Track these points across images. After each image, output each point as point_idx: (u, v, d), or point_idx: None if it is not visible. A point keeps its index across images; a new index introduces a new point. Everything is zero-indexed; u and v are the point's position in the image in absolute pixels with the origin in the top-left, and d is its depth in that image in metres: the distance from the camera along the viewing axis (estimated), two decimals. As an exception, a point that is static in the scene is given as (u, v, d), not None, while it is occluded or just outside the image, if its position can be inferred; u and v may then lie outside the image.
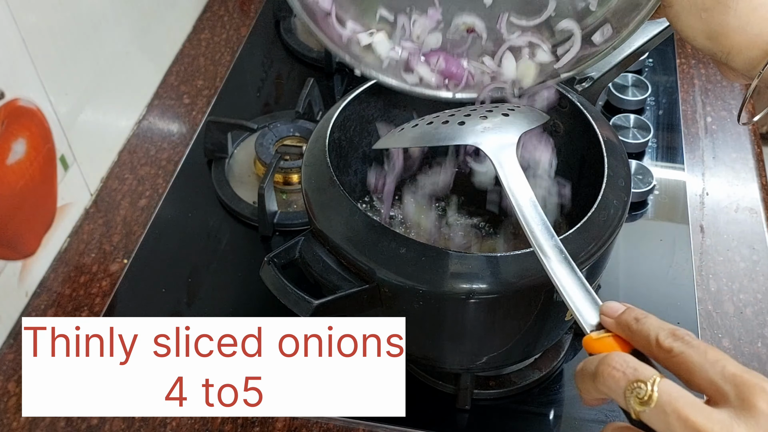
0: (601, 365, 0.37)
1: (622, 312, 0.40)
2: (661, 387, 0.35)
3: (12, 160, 0.70)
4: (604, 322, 0.41)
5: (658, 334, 0.38)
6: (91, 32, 0.81)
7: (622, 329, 0.40)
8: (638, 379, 0.36)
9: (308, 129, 0.85)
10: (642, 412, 0.35)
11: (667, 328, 0.38)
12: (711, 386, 0.35)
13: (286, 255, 0.56)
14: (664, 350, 0.37)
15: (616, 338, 0.40)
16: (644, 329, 0.38)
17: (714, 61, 0.49)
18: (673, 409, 0.34)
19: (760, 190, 0.84)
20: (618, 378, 0.36)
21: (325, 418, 0.65)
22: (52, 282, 0.76)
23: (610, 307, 0.41)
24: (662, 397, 0.35)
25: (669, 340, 0.37)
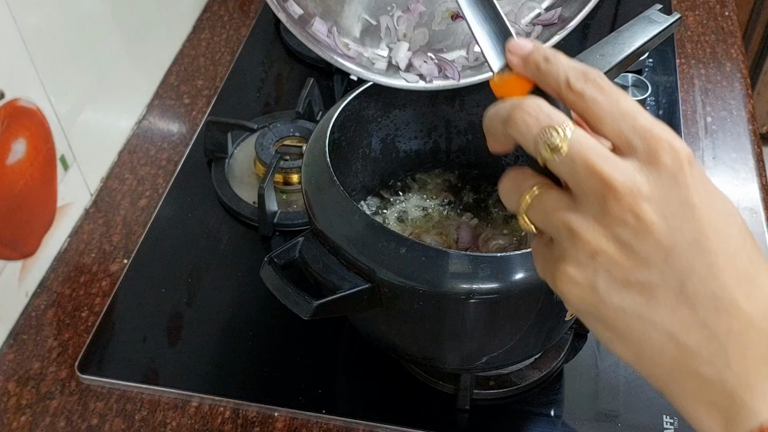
0: (514, 110, 0.35)
1: (530, 50, 0.38)
2: (573, 136, 0.34)
3: (12, 160, 0.70)
4: (510, 61, 0.38)
5: (569, 74, 0.36)
6: (91, 32, 0.81)
7: (530, 69, 0.37)
8: (551, 125, 0.34)
9: (308, 129, 0.85)
10: (551, 159, 0.34)
11: (578, 68, 0.36)
12: (619, 137, 0.34)
13: (286, 255, 0.56)
14: (575, 93, 0.35)
15: (519, 79, 0.38)
16: (553, 69, 0.36)
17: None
18: (580, 157, 0.34)
19: (760, 190, 0.84)
20: (530, 123, 0.35)
21: (325, 418, 0.65)
22: (52, 282, 0.76)
23: (518, 44, 0.38)
24: (573, 145, 0.34)
25: (580, 83, 0.35)
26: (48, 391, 0.68)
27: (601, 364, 0.68)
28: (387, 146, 0.72)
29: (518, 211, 0.37)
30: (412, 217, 0.71)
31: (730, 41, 1.03)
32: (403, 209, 0.72)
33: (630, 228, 0.33)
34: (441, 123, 0.72)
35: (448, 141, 0.74)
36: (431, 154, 0.74)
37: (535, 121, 0.35)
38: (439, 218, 0.71)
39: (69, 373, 0.69)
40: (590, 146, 0.34)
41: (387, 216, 0.71)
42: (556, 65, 0.36)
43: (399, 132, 0.71)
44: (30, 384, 0.68)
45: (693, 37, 1.04)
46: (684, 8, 1.08)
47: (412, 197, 0.73)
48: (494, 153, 0.39)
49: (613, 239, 0.34)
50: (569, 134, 0.34)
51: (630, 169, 0.33)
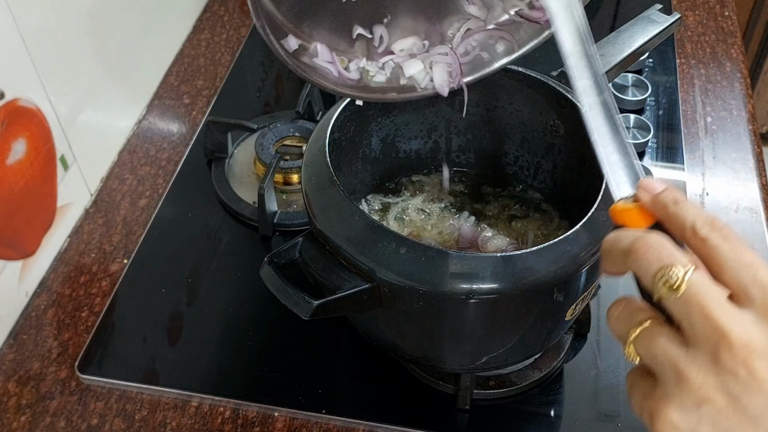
0: (638, 242, 0.36)
1: (661, 190, 0.39)
2: (693, 277, 0.34)
3: (12, 160, 0.70)
4: (641, 196, 0.39)
5: (696, 220, 0.36)
6: (91, 32, 0.81)
7: (659, 208, 0.38)
8: (672, 264, 0.35)
9: (308, 129, 0.85)
10: (667, 297, 0.35)
11: (705, 216, 0.36)
12: (739, 286, 0.34)
13: (286, 255, 0.56)
14: (700, 239, 0.36)
15: (642, 211, 0.39)
16: (682, 212, 0.37)
17: None
18: (698, 301, 0.34)
19: (760, 190, 0.84)
20: (652, 259, 0.35)
21: (325, 418, 0.65)
22: (52, 282, 0.76)
23: (650, 182, 0.39)
24: (691, 287, 0.34)
25: (706, 229, 0.36)
26: (48, 391, 0.67)
27: (601, 364, 0.68)
28: (387, 146, 0.72)
29: (626, 340, 0.37)
30: (411, 217, 0.71)
31: (730, 41, 1.03)
32: (403, 209, 0.72)
33: (741, 382, 0.33)
34: (441, 123, 0.72)
35: (448, 141, 0.74)
36: (431, 154, 0.74)
37: (656, 256, 0.35)
38: (439, 218, 0.71)
39: (69, 373, 0.69)
40: (709, 291, 0.34)
41: (387, 216, 0.71)
42: (684, 209, 0.37)
43: (399, 132, 0.71)
44: (30, 384, 0.68)
45: (693, 37, 1.04)
46: (684, 8, 1.08)
47: (411, 197, 0.73)
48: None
49: (722, 390, 0.33)
50: (689, 275, 0.34)
51: (747, 321, 0.33)
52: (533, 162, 0.71)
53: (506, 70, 0.65)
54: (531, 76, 0.65)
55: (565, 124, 0.66)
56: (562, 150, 0.68)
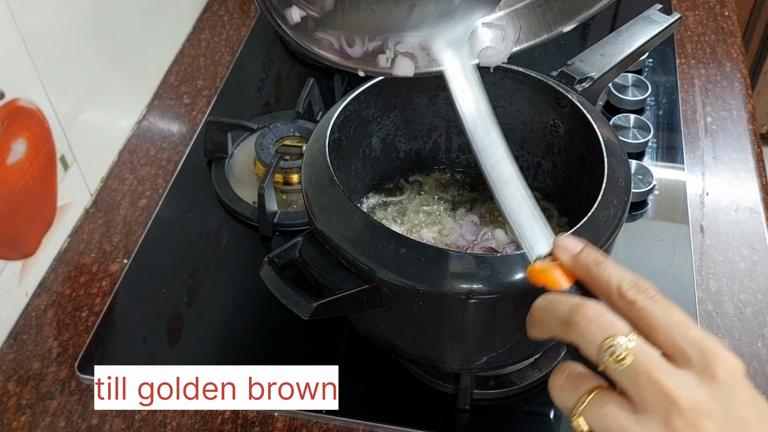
0: (576, 315, 0.36)
1: (579, 251, 0.39)
2: (637, 347, 0.35)
3: (12, 160, 0.70)
4: (559, 255, 0.40)
5: (620, 283, 0.37)
6: (91, 32, 0.81)
7: (580, 269, 0.39)
8: (613, 335, 0.35)
9: (308, 129, 0.85)
10: (614, 368, 0.35)
11: (628, 278, 0.37)
12: (673, 347, 0.35)
13: (286, 255, 0.56)
14: (627, 301, 0.36)
15: (562, 269, 0.39)
16: (606, 274, 0.38)
17: None
18: (644, 370, 0.34)
19: (760, 190, 0.84)
20: (594, 331, 0.36)
21: (325, 418, 0.65)
22: (52, 282, 0.76)
23: (566, 243, 0.40)
24: (637, 357, 0.35)
25: (632, 292, 0.37)
26: (48, 391, 0.67)
27: (601, 364, 0.68)
28: (387, 146, 0.72)
29: (572, 412, 0.38)
30: (412, 216, 0.71)
31: (730, 41, 1.03)
32: (403, 209, 0.72)
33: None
34: (441, 123, 0.72)
35: (448, 141, 0.74)
36: (431, 154, 0.74)
37: (598, 328, 0.36)
38: (438, 218, 0.71)
39: (69, 373, 0.69)
40: (653, 358, 0.35)
41: (387, 216, 0.71)
42: (607, 271, 0.38)
43: (399, 132, 0.71)
44: (30, 384, 0.68)
45: (693, 37, 1.04)
46: (684, 8, 1.08)
47: (411, 197, 0.73)
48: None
49: None
50: (632, 345, 0.35)
51: (691, 383, 0.34)
52: (533, 162, 0.71)
53: (506, 70, 0.65)
54: (531, 76, 0.65)
55: (565, 124, 0.66)
56: (562, 150, 0.68)
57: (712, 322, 0.72)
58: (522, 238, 0.41)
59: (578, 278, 0.39)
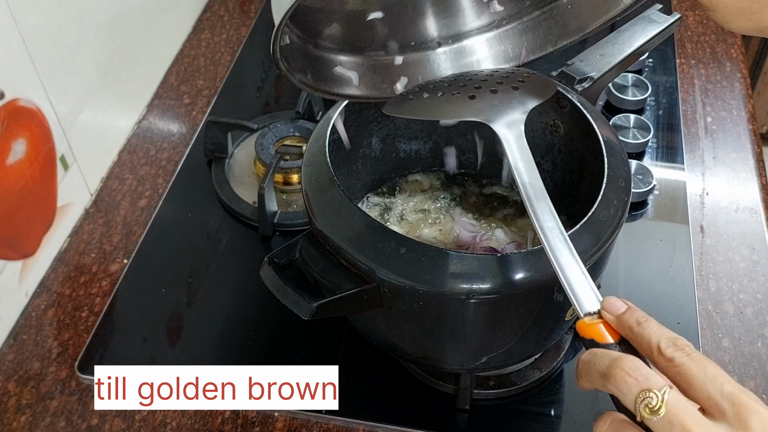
0: (614, 368, 0.39)
1: (623, 311, 0.42)
2: (670, 399, 0.37)
3: (12, 160, 0.70)
4: (605, 317, 0.43)
5: (660, 341, 0.40)
6: (91, 32, 0.81)
7: (624, 329, 0.42)
8: (649, 388, 0.38)
9: (308, 129, 0.85)
10: (649, 419, 0.37)
11: (667, 336, 0.40)
12: (708, 401, 0.37)
13: (286, 255, 0.56)
14: (665, 358, 0.39)
15: (606, 325, 0.42)
16: (646, 334, 0.40)
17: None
18: (679, 421, 0.37)
19: (760, 190, 0.84)
20: (630, 384, 0.38)
21: (325, 418, 0.65)
22: (52, 282, 0.76)
23: (612, 303, 0.43)
24: (671, 408, 0.37)
25: (670, 350, 0.39)
26: (48, 391, 0.67)
27: (601, 364, 0.68)
28: (387, 146, 0.72)
29: None
30: (411, 216, 0.71)
31: (730, 41, 1.03)
32: (403, 209, 0.72)
33: None
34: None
35: (448, 141, 0.73)
36: (431, 154, 0.74)
37: (634, 382, 0.38)
38: (438, 218, 0.71)
39: (69, 373, 0.69)
40: (686, 410, 0.37)
41: (387, 216, 0.71)
42: (648, 330, 0.41)
43: (399, 132, 0.71)
44: (30, 384, 0.68)
45: (693, 37, 1.04)
46: (684, 8, 1.08)
47: (412, 197, 0.73)
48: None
49: None
50: (667, 397, 0.37)
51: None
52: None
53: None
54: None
55: (564, 124, 0.66)
56: (562, 150, 0.68)
57: (712, 322, 0.72)
58: (573, 295, 0.44)
59: (622, 336, 0.42)
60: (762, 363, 0.69)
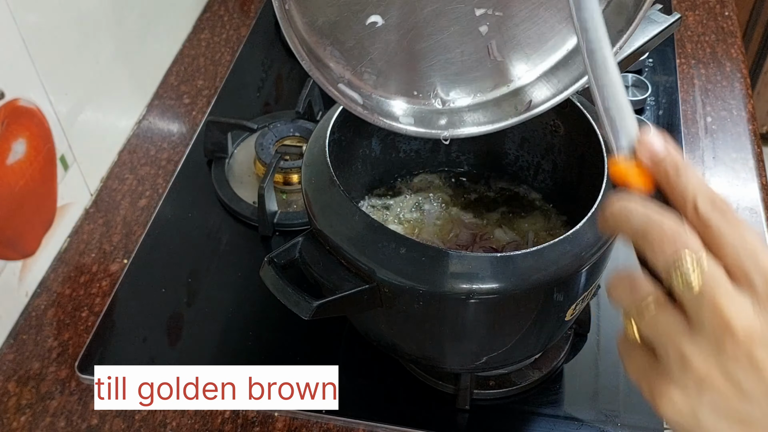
0: (652, 227, 0.36)
1: (662, 154, 0.38)
2: (708, 273, 0.34)
3: (12, 160, 0.70)
4: (641, 156, 0.38)
5: (697, 197, 0.36)
6: (91, 32, 0.81)
7: (660, 175, 0.38)
8: (687, 256, 0.35)
9: (308, 129, 0.85)
10: (681, 290, 0.35)
11: (707, 192, 0.36)
12: (740, 271, 0.35)
13: (286, 255, 0.56)
14: (701, 219, 0.36)
15: (642, 170, 0.38)
16: (682, 184, 0.37)
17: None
18: (710, 296, 0.34)
19: (760, 190, 0.84)
20: (667, 248, 0.35)
21: (325, 418, 0.65)
22: (52, 282, 0.76)
23: (652, 143, 0.38)
24: (706, 284, 0.34)
25: (708, 208, 0.36)
26: (48, 391, 0.67)
27: (601, 364, 0.68)
28: (387, 146, 0.72)
29: (627, 316, 0.37)
30: (411, 216, 0.71)
31: (730, 41, 1.03)
32: (402, 209, 0.72)
33: (741, 367, 0.34)
34: (441, 123, 0.72)
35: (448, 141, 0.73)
36: (431, 154, 0.74)
37: (672, 246, 0.35)
38: (438, 218, 0.71)
39: (69, 373, 0.69)
40: (721, 285, 0.34)
41: (387, 216, 0.71)
42: (686, 181, 0.37)
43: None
44: (30, 384, 0.68)
45: (693, 37, 1.04)
46: (684, 8, 1.08)
47: (412, 197, 0.73)
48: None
49: (723, 374, 0.34)
50: (705, 269, 0.35)
51: (750, 311, 0.34)
52: (533, 162, 0.71)
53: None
54: (531, 76, 0.65)
55: (564, 124, 0.66)
56: (562, 150, 0.68)
57: (712, 322, 0.72)
58: (610, 128, 0.40)
59: (657, 183, 0.38)
60: (762, 363, 0.69)
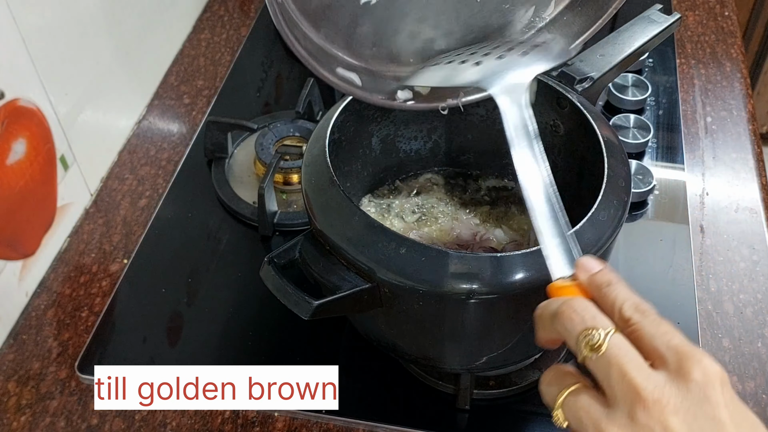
0: (564, 305, 0.39)
1: (596, 272, 0.41)
2: (613, 340, 0.37)
3: (12, 160, 0.70)
4: (578, 275, 0.41)
5: (623, 304, 0.39)
6: (91, 32, 0.81)
7: (593, 288, 0.40)
8: (594, 327, 0.37)
9: (308, 129, 0.85)
10: (589, 357, 0.37)
11: (632, 301, 0.39)
12: (654, 352, 0.36)
13: (286, 255, 0.56)
14: (623, 320, 0.38)
15: (579, 288, 0.41)
16: (612, 294, 0.39)
17: None
18: (617, 362, 0.36)
19: (760, 190, 0.84)
20: (576, 321, 0.38)
21: (325, 418, 0.65)
22: (52, 282, 0.76)
23: (587, 263, 0.42)
24: (611, 348, 0.36)
25: (630, 311, 0.38)
26: (48, 391, 0.67)
27: (601, 364, 0.68)
28: (387, 146, 0.72)
29: (553, 406, 0.39)
30: (411, 216, 0.71)
31: (730, 41, 1.03)
32: (402, 209, 0.72)
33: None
34: (441, 123, 0.72)
35: (448, 141, 0.74)
36: (431, 153, 0.74)
37: (580, 319, 0.38)
38: (438, 218, 0.71)
39: (69, 373, 0.69)
40: (627, 352, 0.36)
41: (387, 216, 0.71)
42: (615, 292, 0.39)
43: (399, 132, 0.71)
44: (30, 384, 0.68)
45: (693, 37, 1.04)
46: (684, 8, 1.09)
47: (411, 197, 0.73)
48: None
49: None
50: (610, 336, 0.37)
51: (660, 380, 0.35)
52: (533, 162, 0.71)
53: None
54: (531, 76, 0.65)
55: (564, 124, 0.66)
56: (562, 150, 0.68)
57: (712, 322, 0.72)
58: (549, 257, 0.43)
59: (591, 297, 0.41)
60: (762, 363, 0.69)
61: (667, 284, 0.74)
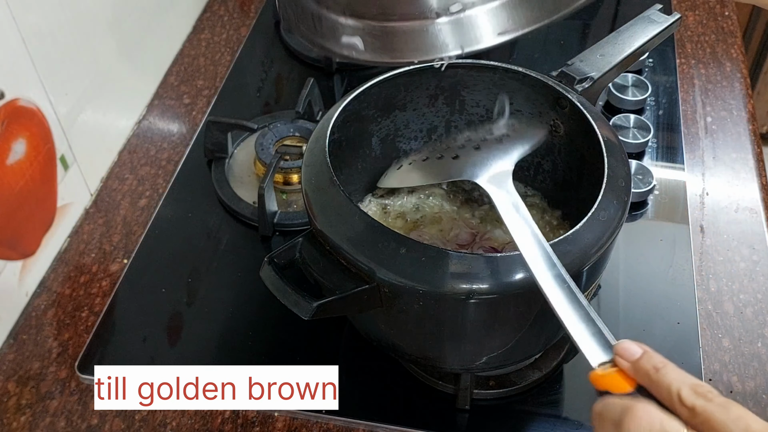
0: (627, 417, 0.37)
1: (639, 357, 0.40)
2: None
3: (12, 160, 0.70)
4: (619, 363, 0.40)
5: (680, 389, 0.37)
6: (91, 32, 0.81)
7: (641, 376, 0.39)
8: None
9: (308, 129, 0.85)
10: None
11: (688, 383, 0.38)
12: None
13: (286, 255, 0.56)
14: (687, 408, 0.37)
15: (623, 375, 0.40)
16: (666, 381, 0.38)
17: None
18: None
19: (760, 190, 0.84)
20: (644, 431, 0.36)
21: (325, 418, 0.65)
22: (52, 282, 0.76)
23: (627, 348, 0.40)
24: None
25: (692, 398, 0.37)
26: (48, 391, 0.67)
27: (601, 364, 0.68)
28: (387, 146, 0.72)
29: None
30: (411, 216, 0.71)
31: (730, 41, 1.03)
32: (402, 209, 0.72)
33: None
34: (441, 123, 0.72)
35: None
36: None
37: (648, 428, 0.36)
38: (438, 217, 0.71)
39: (69, 373, 0.69)
40: None
41: (386, 216, 0.71)
42: (668, 376, 0.38)
43: (399, 132, 0.71)
44: (30, 384, 0.68)
45: (693, 37, 1.04)
46: (684, 8, 1.08)
47: (411, 197, 0.73)
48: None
49: None
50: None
51: None
52: (533, 162, 0.71)
53: (506, 70, 0.65)
54: (531, 76, 0.65)
55: (564, 124, 0.66)
56: (562, 150, 0.68)
57: (712, 322, 0.72)
58: (581, 347, 0.42)
59: (639, 384, 0.40)
60: (762, 363, 0.69)
61: (667, 284, 0.74)
